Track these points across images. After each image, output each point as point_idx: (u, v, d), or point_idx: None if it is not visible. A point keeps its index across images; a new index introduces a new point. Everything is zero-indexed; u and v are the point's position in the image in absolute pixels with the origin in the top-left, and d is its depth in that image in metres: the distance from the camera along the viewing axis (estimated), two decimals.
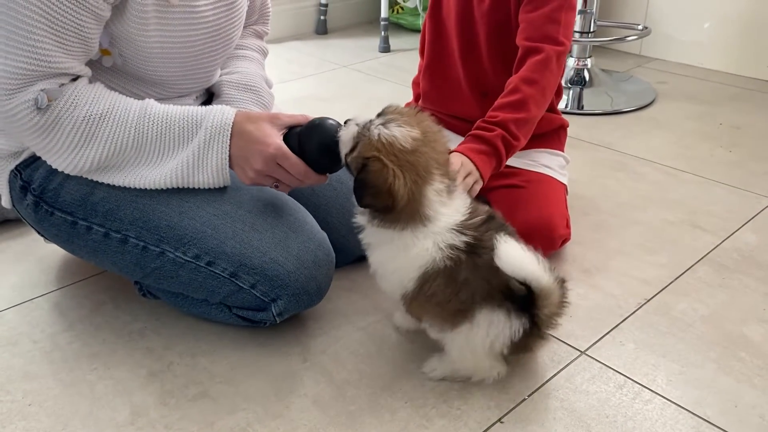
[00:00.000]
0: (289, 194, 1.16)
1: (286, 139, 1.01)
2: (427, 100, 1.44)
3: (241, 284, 1.03)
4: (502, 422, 0.93)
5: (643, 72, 2.39)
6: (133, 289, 1.20)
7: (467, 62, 1.35)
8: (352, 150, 0.92)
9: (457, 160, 1.15)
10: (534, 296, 0.89)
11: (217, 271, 1.03)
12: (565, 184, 1.37)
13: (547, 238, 1.24)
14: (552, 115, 1.40)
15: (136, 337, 1.11)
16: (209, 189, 1.06)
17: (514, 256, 0.86)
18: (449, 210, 0.93)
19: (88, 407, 0.97)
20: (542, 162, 1.37)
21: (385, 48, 2.68)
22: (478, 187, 1.17)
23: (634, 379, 1.01)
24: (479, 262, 0.91)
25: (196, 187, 1.04)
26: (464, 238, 0.91)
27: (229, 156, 1.01)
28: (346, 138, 0.94)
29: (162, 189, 1.04)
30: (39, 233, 1.17)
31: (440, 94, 1.41)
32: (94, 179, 1.04)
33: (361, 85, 2.33)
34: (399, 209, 0.90)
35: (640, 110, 2.06)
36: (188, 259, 1.04)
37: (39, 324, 1.15)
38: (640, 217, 1.46)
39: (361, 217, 0.97)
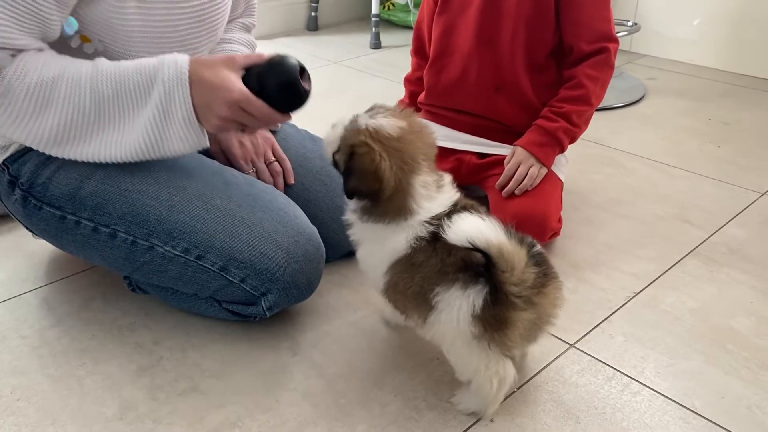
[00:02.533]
0: (279, 190, 1.16)
1: (246, 80, 0.98)
2: (432, 95, 1.44)
3: (230, 278, 1.03)
4: (491, 419, 0.94)
5: (633, 68, 2.40)
6: (122, 284, 1.19)
7: (483, 56, 1.36)
8: (339, 149, 0.92)
9: (512, 153, 1.32)
10: (491, 261, 0.82)
11: (206, 265, 1.03)
12: (561, 181, 1.38)
13: (539, 228, 1.26)
14: None
15: (126, 332, 1.11)
16: (198, 181, 1.06)
17: (461, 226, 0.82)
18: (433, 204, 0.92)
19: (77, 402, 0.97)
20: None
21: (376, 44, 2.68)
22: (540, 172, 1.31)
23: (623, 371, 1.02)
24: (437, 245, 0.89)
25: (173, 150, 1.00)
26: (430, 228, 0.90)
27: (192, 106, 0.98)
28: (332, 138, 0.94)
29: (149, 179, 1.03)
30: (27, 228, 1.17)
31: (446, 88, 1.42)
32: (64, 156, 1.02)
33: (352, 81, 2.33)
34: (387, 197, 0.89)
35: (630, 106, 2.07)
36: (178, 253, 1.03)
37: (27, 319, 1.14)
38: (629, 212, 1.46)
39: (351, 214, 0.97)
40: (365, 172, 0.88)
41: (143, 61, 0.99)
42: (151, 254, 1.05)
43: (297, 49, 2.67)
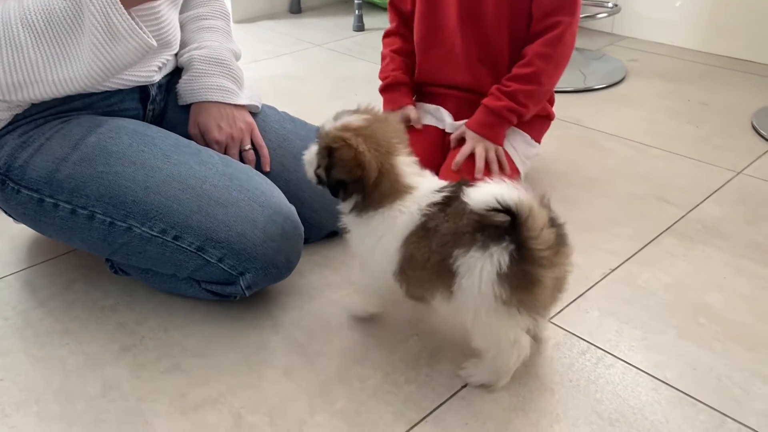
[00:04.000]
0: (260, 171, 1.17)
1: None
2: (422, 72, 1.46)
3: (208, 258, 1.04)
4: (467, 387, 0.96)
5: (615, 50, 2.42)
6: (104, 266, 1.20)
7: (466, 30, 1.37)
8: (318, 162, 0.96)
9: (461, 132, 1.36)
10: (515, 220, 0.81)
11: (183, 246, 1.04)
12: (519, 171, 1.40)
13: None
14: (544, 104, 1.43)
15: (108, 313, 1.12)
16: (174, 162, 1.06)
17: (482, 190, 0.81)
18: (426, 180, 0.95)
19: (60, 381, 0.98)
20: (513, 144, 1.40)
21: (359, 27, 2.68)
22: (497, 157, 1.34)
23: (598, 345, 1.04)
24: (448, 210, 0.89)
25: (127, 62, 1.02)
26: (443, 194, 0.92)
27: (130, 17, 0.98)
28: (309, 158, 0.98)
29: (125, 160, 1.05)
30: (6, 213, 1.17)
31: (435, 64, 1.43)
32: (26, 99, 1.03)
33: (336, 64, 2.33)
34: (373, 183, 0.92)
35: (611, 87, 2.09)
36: (155, 233, 1.04)
37: (10, 301, 1.15)
38: (607, 191, 1.48)
39: (347, 217, 0.98)
40: (346, 162, 0.91)
41: None
42: (129, 235, 1.05)
43: (279, 32, 2.66)
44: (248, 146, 1.22)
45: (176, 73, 1.29)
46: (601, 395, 0.95)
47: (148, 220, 1.04)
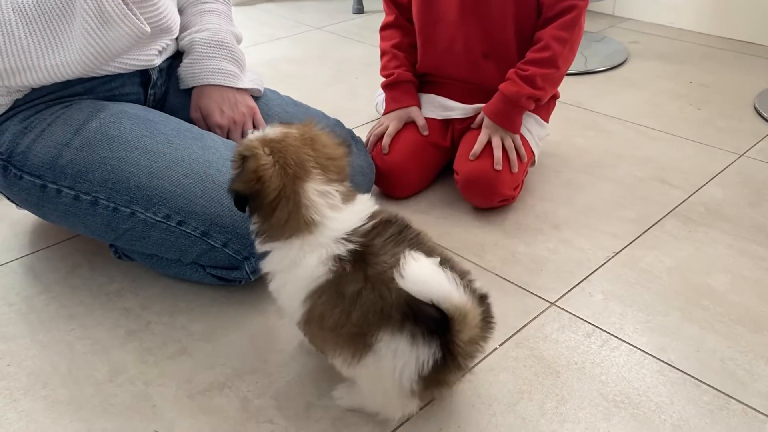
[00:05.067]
0: None
1: None
2: (424, 66, 1.44)
3: (213, 243, 1.04)
4: (473, 372, 0.96)
5: (616, 32, 2.40)
6: (108, 251, 1.20)
7: (468, 24, 1.35)
8: (233, 177, 0.86)
9: (480, 119, 1.35)
10: (447, 320, 0.74)
11: (188, 231, 1.04)
12: (534, 154, 1.39)
13: (485, 191, 1.30)
14: None
15: (114, 298, 1.12)
16: (177, 147, 1.06)
17: (420, 275, 0.72)
18: (344, 216, 0.84)
19: (67, 366, 0.98)
20: (528, 127, 1.38)
21: (359, 9, 2.66)
22: (514, 145, 1.33)
23: (602, 327, 1.05)
24: (370, 273, 0.79)
25: (119, 48, 1.02)
26: (350, 246, 0.81)
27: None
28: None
29: (128, 145, 1.04)
30: (9, 199, 1.17)
31: (434, 59, 1.41)
32: (19, 84, 1.03)
33: (335, 47, 2.31)
34: (272, 203, 0.82)
35: (613, 70, 2.08)
36: (159, 219, 1.04)
37: (14, 287, 1.14)
38: (610, 174, 1.48)
39: (257, 244, 0.88)
40: (247, 171, 0.82)
41: None
42: (132, 221, 1.05)
43: (278, 15, 2.64)
44: (251, 130, 1.21)
45: (177, 57, 1.28)
46: (606, 377, 0.95)
47: (152, 206, 1.04)
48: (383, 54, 1.46)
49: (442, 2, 1.36)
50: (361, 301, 0.78)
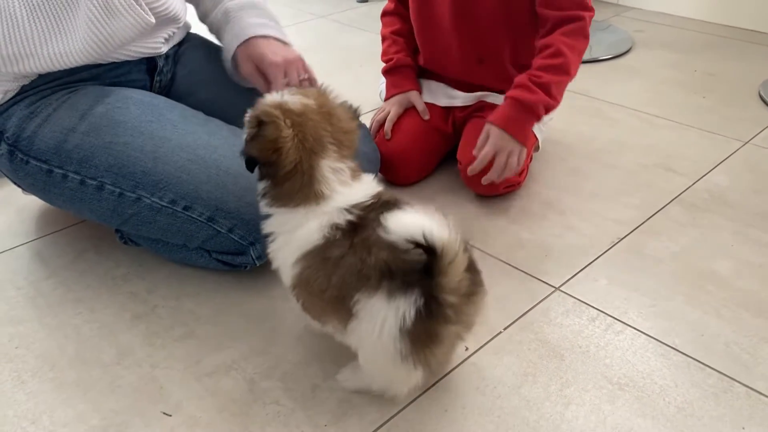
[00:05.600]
0: None
1: None
2: (425, 61, 1.43)
3: (218, 228, 1.04)
4: (478, 353, 0.97)
5: (621, 21, 2.40)
6: (114, 236, 1.20)
7: (461, 29, 1.33)
8: (247, 136, 0.87)
9: (486, 134, 1.24)
10: (431, 265, 0.73)
11: (194, 216, 1.04)
12: (537, 138, 1.38)
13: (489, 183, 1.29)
14: None
15: (120, 282, 1.13)
16: (183, 132, 1.06)
17: (404, 219, 0.73)
18: (351, 191, 0.85)
19: (75, 349, 0.99)
20: None
21: None
22: (522, 155, 1.25)
23: (607, 312, 1.05)
24: (355, 240, 0.80)
25: (123, 38, 1.02)
26: (348, 217, 0.82)
27: None
28: (245, 120, 0.88)
29: (134, 130, 1.05)
30: (16, 184, 1.17)
31: (433, 60, 1.41)
32: (21, 71, 1.03)
33: (339, 35, 2.31)
34: (286, 175, 0.83)
35: (617, 58, 2.07)
36: (165, 204, 1.04)
37: (21, 272, 1.15)
38: (615, 162, 1.48)
39: (262, 205, 0.89)
40: (265, 139, 0.82)
41: None
42: (138, 206, 1.06)
43: (282, 4, 2.63)
44: (305, 75, 1.17)
45: (183, 43, 1.28)
46: (611, 361, 0.96)
47: (157, 191, 1.04)
48: (383, 39, 1.47)
49: (436, 7, 1.35)
50: (341, 265, 0.80)
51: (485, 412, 0.88)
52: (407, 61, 1.43)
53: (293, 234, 0.85)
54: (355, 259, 0.79)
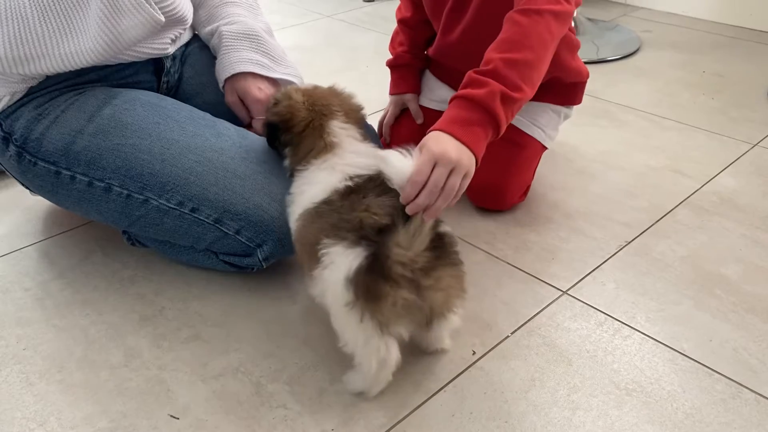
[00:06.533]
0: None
1: None
2: (436, 51, 1.34)
3: (226, 230, 1.05)
4: (485, 358, 0.96)
5: (629, 21, 2.38)
6: (121, 238, 1.20)
7: (483, 27, 1.19)
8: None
9: (431, 144, 0.88)
10: (393, 228, 0.79)
11: (201, 218, 1.04)
12: (544, 147, 1.32)
13: (496, 201, 1.28)
14: (574, 69, 1.28)
15: (127, 284, 1.13)
16: (190, 135, 1.06)
17: (404, 165, 0.85)
18: (359, 148, 0.96)
19: (83, 350, 0.99)
20: (538, 122, 1.30)
21: None
22: (466, 181, 0.89)
23: (614, 316, 1.05)
24: (346, 202, 0.88)
25: (133, 38, 1.04)
26: (348, 183, 0.89)
27: None
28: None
29: (141, 132, 1.05)
30: (24, 185, 1.17)
31: (443, 52, 1.32)
32: (30, 72, 1.03)
33: (345, 35, 2.31)
34: (301, 132, 0.97)
35: (625, 59, 2.06)
36: (172, 206, 1.04)
37: (29, 272, 1.16)
38: (622, 163, 1.48)
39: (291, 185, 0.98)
40: (280, 106, 0.99)
41: None
42: (146, 207, 1.06)
43: (288, 3, 2.63)
44: None
45: (190, 44, 1.28)
46: (618, 366, 0.95)
47: (165, 192, 1.04)
48: (397, 23, 1.39)
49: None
50: (324, 216, 0.88)
51: (492, 417, 0.88)
52: (407, 59, 1.37)
53: (302, 195, 0.94)
54: (336, 214, 0.87)
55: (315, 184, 0.93)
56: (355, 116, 1.00)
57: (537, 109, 1.30)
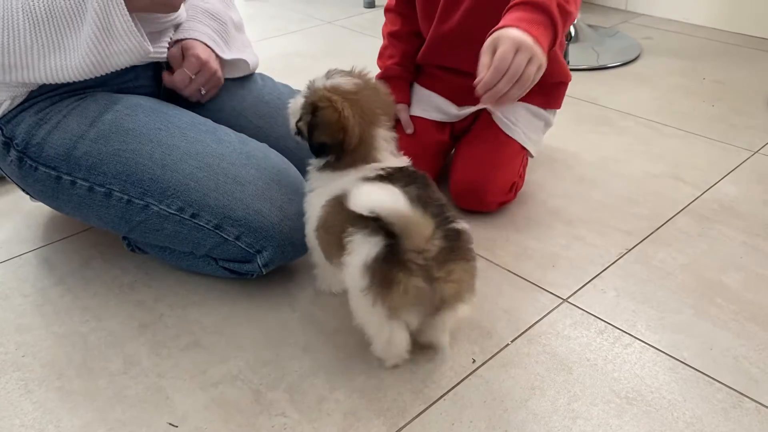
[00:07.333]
0: (268, 144, 1.15)
1: None
2: (425, 55, 1.37)
3: (225, 236, 1.04)
4: (485, 366, 0.96)
5: (629, 27, 2.39)
6: (121, 244, 1.20)
7: (481, 13, 1.24)
8: (301, 116, 0.97)
9: (509, 33, 0.94)
10: (395, 229, 0.81)
11: (201, 224, 1.04)
12: (526, 150, 1.33)
13: (477, 200, 1.28)
14: (559, 67, 1.30)
15: (127, 291, 1.13)
16: (191, 140, 1.06)
17: (369, 193, 0.82)
18: (392, 159, 0.97)
19: (82, 357, 0.99)
20: (518, 123, 1.31)
21: (370, 3, 2.65)
22: (539, 73, 0.95)
23: (615, 324, 1.04)
24: None
25: (119, 64, 1.04)
26: (379, 172, 0.93)
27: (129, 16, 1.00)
28: (294, 108, 0.99)
29: (142, 138, 1.05)
30: (24, 191, 1.17)
31: (433, 48, 1.34)
32: (12, 80, 1.03)
33: (346, 41, 2.31)
34: (353, 148, 0.94)
35: (625, 65, 2.06)
36: (172, 211, 1.04)
37: (29, 279, 1.15)
38: (622, 170, 1.48)
39: (314, 174, 1.00)
40: (330, 124, 0.93)
41: None
42: (146, 213, 1.06)
43: (289, 9, 2.64)
44: (208, 86, 1.19)
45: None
46: (619, 374, 0.95)
47: (165, 198, 1.04)
48: (383, 38, 1.42)
49: None
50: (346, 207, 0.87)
51: (492, 425, 0.87)
52: (397, 71, 1.38)
53: (328, 186, 0.95)
54: None
55: (342, 180, 0.94)
56: (391, 111, 1.00)
57: (517, 109, 1.32)
